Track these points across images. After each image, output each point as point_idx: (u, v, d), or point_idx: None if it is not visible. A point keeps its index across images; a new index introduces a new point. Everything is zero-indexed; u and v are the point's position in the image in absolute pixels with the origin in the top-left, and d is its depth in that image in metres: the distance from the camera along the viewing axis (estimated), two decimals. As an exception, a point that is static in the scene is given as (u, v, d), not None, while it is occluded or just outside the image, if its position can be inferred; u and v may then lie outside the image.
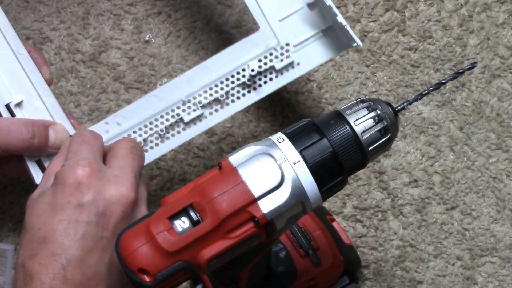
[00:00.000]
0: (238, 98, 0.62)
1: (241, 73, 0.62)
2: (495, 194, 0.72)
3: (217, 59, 0.62)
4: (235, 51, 0.62)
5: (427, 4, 0.75)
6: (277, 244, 0.62)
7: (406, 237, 0.71)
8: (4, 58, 0.59)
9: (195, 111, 0.62)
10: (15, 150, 0.57)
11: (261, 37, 0.62)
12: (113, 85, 0.73)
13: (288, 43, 0.62)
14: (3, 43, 0.59)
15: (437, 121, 0.73)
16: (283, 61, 0.62)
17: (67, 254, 0.49)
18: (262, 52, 0.62)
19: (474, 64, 0.51)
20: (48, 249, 0.49)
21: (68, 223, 0.50)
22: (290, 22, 0.62)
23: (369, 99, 0.47)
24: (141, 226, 0.44)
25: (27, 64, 0.59)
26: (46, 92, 0.60)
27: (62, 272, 0.48)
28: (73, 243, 0.49)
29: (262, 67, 0.62)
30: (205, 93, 0.62)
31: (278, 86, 0.62)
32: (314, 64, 0.63)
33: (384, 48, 0.74)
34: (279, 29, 0.62)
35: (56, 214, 0.50)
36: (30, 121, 0.58)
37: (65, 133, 0.60)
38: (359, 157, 0.45)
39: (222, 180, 0.43)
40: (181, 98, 0.62)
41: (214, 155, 0.72)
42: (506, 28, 0.75)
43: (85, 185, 0.51)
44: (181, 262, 0.43)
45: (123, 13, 0.74)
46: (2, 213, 0.71)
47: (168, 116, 0.62)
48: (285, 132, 0.45)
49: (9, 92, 0.59)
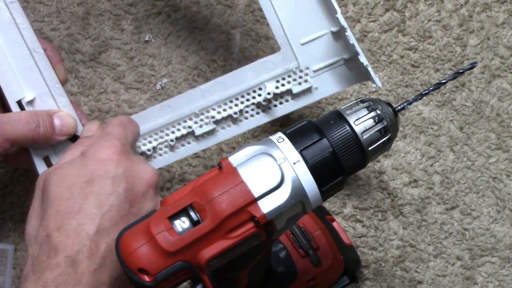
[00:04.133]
0: (251, 116, 0.62)
1: (258, 92, 0.61)
2: (495, 194, 0.72)
3: (234, 76, 0.61)
4: (253, 69, 0.61)
5: (427, 4, 0.75)
6: (277, 244, 0.62)
7: (406, 237, 0.71)
8: (19, 55, 0.58)
9: (207, 125, 0.62)
10: (23, 141, 0.57)
11: (281, 58, 0.61)
12: (113, 85, 0.73)
13: (308, 67, 0.61)
14: (20, 40, 0.58)
15: (437, 121, 0.73)
16: (301, 85, 0.61)
17: (96, 224, 0.49)
18: (281, 74, 0.61)
19: (474, 64, 0.51)
20: (76, 220, 0.50)
21: (98, 194, 0.51)
22: (312, 47, 0.60)
23: (369, 99, 0.47)
24: (141, 226, 0.44)
25: (42, 62, 0.59)
26: (59, 91, 0.60)
27: (87, 243, 0.49)
28: (102, 214, 0.50)
29: (279, 89, 0.61)
30: (219, 107, 0.61)
31: (293, 109, 0.62)
32: (331, 91, 0.61)
33: (384, 48, 0.74)
34: (301, 52, 0.60)
35: (86, 185, 0.51)
36: (34, 112, 0.58)
37: (71, 119, 0.59)
38: (359, 157, 0.45)
39: (222, 180, 0.43)
40: (194, 111, 0.61)
41: (214, 155, 0.72)
42: (506, 28, 0.75)
43: (115, 160, 0.52)
44: (181, 262, 0.43)
45: (123, 13, 0.74)
46: (2, 213, 0.71)
47: (179, 127, 0.62)
48: (285, 132, 0.45)
49: (22, 89, 0.59)
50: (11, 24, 0.57)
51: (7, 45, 0.58)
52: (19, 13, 0.58)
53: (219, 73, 0.73)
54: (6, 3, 0.57)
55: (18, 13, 0.57)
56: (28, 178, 0.71)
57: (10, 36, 0.58)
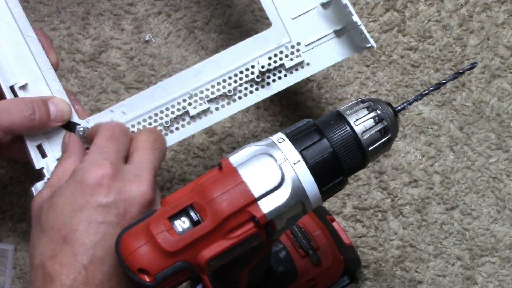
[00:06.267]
0: (245, 94, 0.62)
1: (250, 70, 0.61)
2: (495, 194, 0.72)
3: (226, 54, 0.61)
4: (245, 47, 0.61)
5: (427, 4, 0.75)
6: (277, 244, 0.62)
7: (406, 237, 0.71)
8: (12, 40, 0.58)
9: (201, 105, 0.61)
10: (19, 129, 0.57)
11: (273, 34, 0.61)
12: (113, 85, 0.73)
13: (300, 42, 0.62)
14: (13, 24, 0.57)
15: (437, 121, 0.73)
16: (293, 60, 0.61)
17: (88, 254, 0.49)
18: (273, 50, 0.61)
19: (474, 64, 0.51)
20: (69, 249, 0.49)
21: (89, 223, 0.50)
22: (303, 20, 0.62)
23: (369, 99, 0.47)
24: (141, 226, 0.44)
25: (34, 47, 0.58)
26: (51, 76, 0.59)
27: (83, 272, 0.48)
28: (94, 243, 0.49)
29: (271, 65, 0.61)
30: (213, 87, 0.61)
31: (287, 85, 0.62)
32: (324, 65, 0.62)
33: (384, 48, 0.74)
34: (292, 27, 0.61)
35: (76, 214, 0.50)
36: (28, 99, 0.57)
37: (65, 104, 0.59)
38: (359, 157, 0.45)
39: (222, 180, 0.43)
40: (188, 91, 0.61)
41: (214, 155, 0.72)
42: (506, 28, 0.75)
43: (105, 186, 0.51)
44: (181, 262, 0.43)
45: (123, 13, 0.74)
46: (2, 213, 0.71)
47: (173, 109, 0.61)
48: (285, 132, 0.45)
49: (14, 74, 0.58)
50: (4, 8, 0.57)
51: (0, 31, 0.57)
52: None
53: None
54: None
55: None
56: (28, 178, 0.71)
57: (2, 20, 0.57)
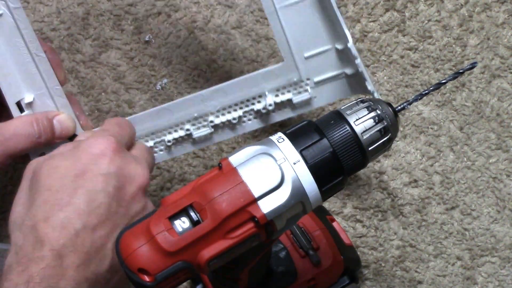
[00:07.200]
0: (249, 120, 0.63)
1: (257, 99, 0.62)
2: (495, 194, 0.72)
3: (235, 84, 0.61)
4: (255, 79, 0.61)
5: (427, 4, 0.75)
6: (277, 244, 0.62)
7: (406, 237, 0.71)
8: (21, 59, 0.59)
9: (205, 128, 0.62)
10: (25, 151, 0.58)
11: (284, 70, 0.61)
12: (113, 85, 0.73)
13: (309, 79, 0.62)
14: (22, 45, 0.58)
15: (437, 121, 0.73)
16: (301, 95, 0.62)
17: (82, 220, 0.49)
18: (282, 84, 0.62)
19: (474, 64, 0.51)
20: (63, 213, 0.49)
21: (88, 190, 0.50)
22: (316, 60, 0.61)
23: (369, 99, 0.47)
24: (141, 226, 0.44)
25: (43, 66, 0.59)
26: (58, 93, 0.60)
27: (73, 238, 0.49)
28: (89, 210, 0.50)
29: (279, 97, 0.62)
30: (218, 112, 0.62)
31: (290, 116, 0.63)
32: (327, 100, 0.63)
33: (384, 48, 0.74)
34: (303, 65, 0.61)
35: (77, 179, 0.51)
36: (34, 118, 0.57)
37: (70, 121, 0.59)
38: (359, 157, 0.45)
39: (222, 180, 0.43)
40: (193, 114, 0.62)
41: (214, 155, 0.72)
42: (506, 28, 0.75)
43: (108, 157, 0.52)
44: (181, 262, 0.43)
45: (123, 13, 0.74)
46: (2, 213, 0.71)
47: (177, 128, 0.63)
48: (285, 132, 0.45)
49: (21, 90, 0.59)
50: (13, 29, 0.58)
51: (9, 49, 0.58)
52: (22, 18, 0.58)
53: (219, 73, 0.73)
54: (10, 9, 0.57)
55: (21, 18, 0.58)
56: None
57: (12, 40, 0.58)
